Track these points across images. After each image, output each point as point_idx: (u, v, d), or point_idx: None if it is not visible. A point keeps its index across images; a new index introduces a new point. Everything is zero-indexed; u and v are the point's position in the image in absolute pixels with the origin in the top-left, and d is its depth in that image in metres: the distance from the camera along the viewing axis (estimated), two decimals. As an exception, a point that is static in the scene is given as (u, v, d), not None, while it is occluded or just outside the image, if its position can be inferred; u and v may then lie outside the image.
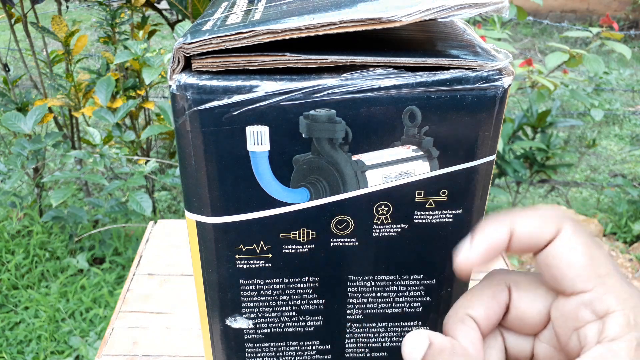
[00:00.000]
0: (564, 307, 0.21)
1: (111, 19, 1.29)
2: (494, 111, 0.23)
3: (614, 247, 1.63)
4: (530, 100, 1.58)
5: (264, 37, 0.21)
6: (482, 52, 0.23)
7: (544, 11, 3.88)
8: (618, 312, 0.20)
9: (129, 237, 1.52)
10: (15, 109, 1.33)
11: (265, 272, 0.27)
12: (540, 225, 0.21)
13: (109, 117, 1.16)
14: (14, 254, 1.46)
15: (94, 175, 1.14)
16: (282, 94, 0.22)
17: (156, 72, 1.06)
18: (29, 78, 1.43)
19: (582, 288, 0.21)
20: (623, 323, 0.20)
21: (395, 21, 0.20)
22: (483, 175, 0.24)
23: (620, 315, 0.20)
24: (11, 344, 1.24)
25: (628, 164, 2.25)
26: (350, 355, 0.30)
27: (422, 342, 0.22)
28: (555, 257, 0.21)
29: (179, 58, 0.22)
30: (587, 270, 0.20)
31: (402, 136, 0.23)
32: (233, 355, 0.30)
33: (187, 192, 0.24)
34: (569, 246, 0.21)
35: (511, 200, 1.83)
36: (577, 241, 0.21)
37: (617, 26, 1.30)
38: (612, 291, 0.20)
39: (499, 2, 0.20)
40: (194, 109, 0.22)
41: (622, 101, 2.76)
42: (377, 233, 0.26)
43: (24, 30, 1.31)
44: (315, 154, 0.23)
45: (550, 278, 0.22)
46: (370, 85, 0.22)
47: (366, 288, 0.28)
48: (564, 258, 0.21)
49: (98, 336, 1.24)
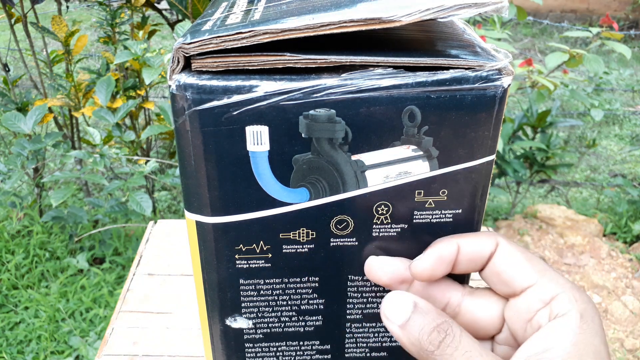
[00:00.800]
0: (516, 305, 0.24)
1: (111, 19, 1.29)
2: (493, 111, 0.23)
3: (614, 247, 1.63)
4: (530, 100, 1.58)
5: (264, 37, 0.21)
6: (481, 52, 0.23)
7: (544, 11, 3.88)
8: (561, 294, 0.23)
9: (129, 237, 1.52)
10: (15, 109, 1.33)
11: (265, 272, 0.27)
12: (481, 241, 0.25)
13: (109, 117, 1.16)
14: (14, 254, 1.46)
15: (94, 175, 1.14)
16: (282, 93, 0.22)
17: (156, 72, 1.06)
18: (29, 78, 1.44)
19: (529, 282, 0.24)
20: (567, 301, 0.23)
21: (395, 21, 0.20)
22: (483, 175, 0.24)
23: (563, 295, 0.23)
24: (11, 344, 1.24)
25: (628, 164, 2.25)
26: (350, 355, 0.30)
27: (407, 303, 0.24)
28: (501, 264, 0.24)
29: (179, 58, 0.22)
30: (528, 267, 0.24)
31: (402, 136, 0.23)
32: (233, 355, 0.30)
33: (187, 192, 0.24)
34: (509, 253, 0.24)
35: (511, 200, 1.83)
36: (514, 249, 0.25)
37: (617, 26, 1.30)
38: (553, 279, 0.24)
39: (499, 2, 0.20)
40: (193, 109, 0.22)
41: (622, 101, 2.76)
42: (377, 233, 0.26)
43: (24, 30, 1.31)
44: (315, 154, 0.23)
45: (500, 284, 0.25)
46: (369, 85, 0.22)
47: (366, 288, 0.28)
48: (509, 262, 0.24)
49: (98, 336, 1.24)
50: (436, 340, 0.22)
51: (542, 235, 1.65)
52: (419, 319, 0.23)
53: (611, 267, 1.55)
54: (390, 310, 0.24)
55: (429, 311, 0.23)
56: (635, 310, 1.40)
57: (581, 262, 1.56)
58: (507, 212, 1.81)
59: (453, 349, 0.22)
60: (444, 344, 0.22)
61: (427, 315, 0.23)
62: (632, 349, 1.29)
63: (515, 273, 0.24)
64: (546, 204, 1.85)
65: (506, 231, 1.65)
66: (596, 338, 0.22)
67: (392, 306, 0.24)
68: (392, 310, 0.24)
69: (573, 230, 1.66)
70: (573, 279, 1.50)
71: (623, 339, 1.31)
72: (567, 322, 0.22)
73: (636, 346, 1.29)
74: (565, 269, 1.54)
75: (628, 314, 1.39)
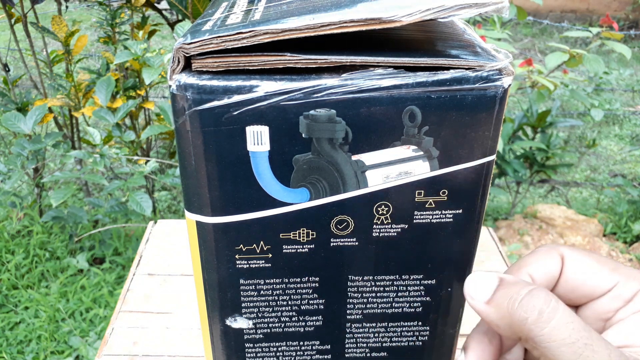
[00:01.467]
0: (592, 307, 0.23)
1: (111, 19, 1.29)
2: (494, 111, 0.23)
3: (614, 247, 1.63)
4: (530, 100, 1.58)
5: (264, 37, 0.21)
6: (482, 52, 0.23)
7: (544, 11, 3.88)
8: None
9: (129, 237, 1.52)
10: (15, 109, 1.33)
11: (265, 272, 0.27)
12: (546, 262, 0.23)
13: (109, 117, 1.16)
14: (14, 254, 1.46)
15: (94, 175, 1.13)
16: (282, 94, 0.22)
17: (156, 72, 1.06)
18: (29, 78, 1.43)
19: (608, 286, 0.23)
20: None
21: (395, 21, 0.20)
22: (483, 175, 0.24)
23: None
24: (11, 344, 1.24)
25: (628, 164, 2.25)
26: (350, 355, 0.30)
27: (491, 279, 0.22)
28: (575, 279, 0.23)
29: (179, 58, 0.22)
30: (604, 271, 0.23)
31: (402, 136, 0.23)
32: (233, 355, 0.30)
33: (187, 192, 0.24)
34: (580, 264, 0.23)
35: (511, 200, 1.83)
36: (582, 256, 0.23)
37: (617, 26, 1.30)
38: (631, 276, 0.22)
39: (499, 2, 0.20)
40: (194, 109, 0.22)
41: (622, 101, 2.76)
42: (377, 233, 0.26)
43: (24, 30, 1.31)
44: (315, 154, 0.23)
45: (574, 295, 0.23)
46: (370, 85, 0.22)
47: (366, 288, 0.28)
48: (582, 273, 0.23)
49: (98, 336, 1.24)
50: (529, 306, 0.20)
51: (542, 235, 1.65)
52: (505, 290, 0.21)
53: (611, 267, 1.55)
54: (473, 289, 0.22)
55: (517, 281, 0.21)
56: (635, 310, 1.39)
57: (581, 262, 1.56)
58: (507, 212, 1.81)
59: (551, 315, 0.19)
60: (539, 310, 0.20)
61: (516, 285, 0.21)
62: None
63: (593, 282, 0.23)
64: (546, 204, 1.85)
65: (506, 231, 1.65)
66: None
67: (475, 284, 0.22)
68: (476, 288, 0.22)
69: (573, 230, 1.66)
70: (573, 279, 1.50)
71: (623, 339, 1.31)
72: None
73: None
74: (565, 269, 1.54)
75: (628, 314, 1.39)
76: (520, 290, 0.21)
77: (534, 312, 0.20)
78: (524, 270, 0.23)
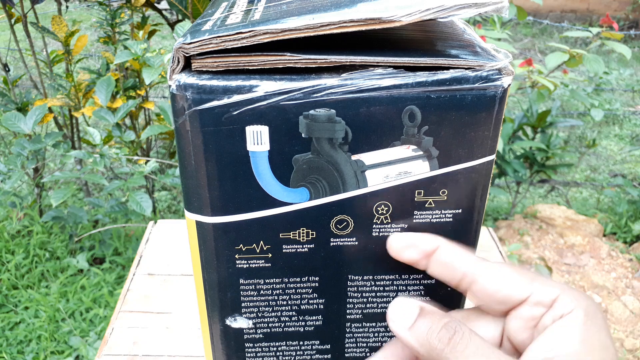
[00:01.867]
0: (517, 316, 0.24)
1: (111, 19, 1.29)
2: (493, 111, 0.23)
3: (614, 247, 1.63)
4: (530, 100, 1.58)
5: (264, 37, 0.21)
6: (481, 52, 0.23)
7: (544, 11, 3.88)
8: (561, 294, 0.23)
9: (129, 237, 1.52)
10: (15, 109, 1.33)
11: (265, 271, 0.27)
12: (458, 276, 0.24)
13: (109, 117, 1.16)
14: (14, 254, 1.46)
15: (94, 175, 1.13)
16: (282, 93, 0.22)
17: (156, 72, 1.06)
18: (29, 78, 1.43)
19: (526, 292, 0.23)
20: (568, 300, 0.23)
21: (395, 21, 0.20)
22: (483, 175, 0.24)
23: (564, 295, 0.23)
24: (11, 344, 1.24)
25: (628, 164, 2.25)
26: (350, 355, 0.30)
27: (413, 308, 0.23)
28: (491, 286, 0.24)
29: (179, 58, 0.22)
30: (520, 279, 0.24)
31: (402, 136, 0.23)
32: (233, 355, 0.30)
33: (187, 192, 0.24)
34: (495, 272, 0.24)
35: (511, 200, 1.83)
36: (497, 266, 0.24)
37: (617, 26, 1.30)
38: (548, 284, 0.24)
39: (499, 2, 0.20)
40: (193, 109, 0.22)
41: (622, 101, 2.76)
42: (377, 233, 0.26)
43: (24, 30, 1.31)
44: (315, 154, 0.23)
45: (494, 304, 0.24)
46: (370, 85, 0.22)
47: (366, 288, 0.28)
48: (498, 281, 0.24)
49: (98, 336, 1.24)
50: (445, 337, 0.22)
51: (542, 235, 1.65)
52: (426, 319, 0.23)
53: (611, 267, 1.55)
54: (396, 314, 0.24)
55: (435, 312, 0.23)
56: (635, 310, 1.40)
57: (581, 262, 1.56)
58: (507, 212, 1.81)
59: (464, 345, 0.22)
60: (453, 341, 0.22)
61: (434, 316, 0.23)
62: (632, 349, 1.29)
63: (510, 289, 0.24)
64: (546, 204, 1.85)
65: (506, 231, 1.65)
66: (602, 332, 0.22)
67: (399, 310, 0.24)
68: (399, 314, 0.24)
69: (573, 230, 1.66)
70: (573, 279, 1.50)
71: (623, 339, 1.31)
72: (573, 320, 0.22)
73: (636, 346, 1.29)
74: (565, 269, 1.54)
75: (628, 314, 1.39)
76: (439, 321, 0.23)
77: (448, 343, 0.22)
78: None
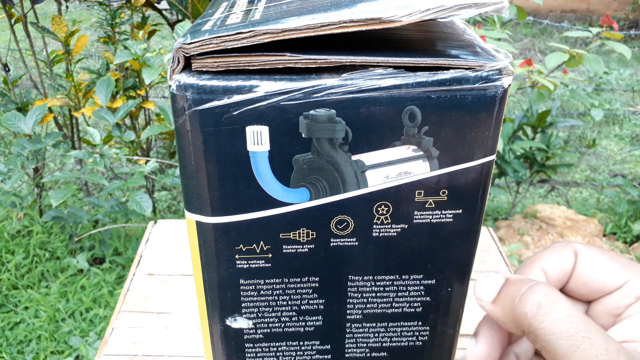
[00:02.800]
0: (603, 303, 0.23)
1: (111, 19, 1.29)
2: (493, 111, 0.23)
3: (614, 247, 1.63)
4: (530, 100, 1.58)
5: (264, 37, 0.21)
6: (482, 52, 0.23)
7: (544, 11, 3.88)
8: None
9: (129, 237, 1.52)
10: (15, 109, 1.33)
11: (265, 272, 0.27)
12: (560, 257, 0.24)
13: (109, 117, 1.16)
14: (14, 254, 1.46)
15: (94, 175, 1.13)
16: (282, 93, 0.22)
17: (156, 72, 1.06)
18: (29, 78, 1.43)
19: (620, 282, 0.23)
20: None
21: (395, 21, 0.20)
22: (483, 175, 0.24)
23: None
24: (11, 344, 1.24)
25: (628, 164, 2.25)
26: (350, 355, 0.30)
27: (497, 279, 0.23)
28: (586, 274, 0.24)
29: (179, 58, 0.22)
30: (615, 267, 0.23)
31: (402, 136, 0.23)
32: (233, 355, 0.30)
33: (187, 192, 0.24)
34: (592, 260, 0.24)
35: (511, 200, 1.83)
36: (595, 252, 0.24)
37: (617, 26, 1.30)
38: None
39: (499, 2, 0.20)
40: (193, 109, 0.22)
41: (622, 101, 2.76)
42: (377, 233, 0.26)
43: (24, 30, 1.31)
44: (315, 154, 0.23)
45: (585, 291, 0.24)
46: (370, 85, 0.22)
47: (366, 288, 0.28)
48: (594, 269, 0.23)
49: (98, 336, 1.24)
50: (529, 301, 0.20)
51: (542, 235, 1.65)
52: (509, 288, 0.22)
53: (611, 267, 1.55)
54: (480, 290, 0.23)
55: (520, 279, 0.22)
56: (635, 310, 1.39)
57: (581, 262, 1.56)
58: (507, 212, 1.81)
59: (549, 309, 0.20)
60: (537, 304, 0.20)
61: (519, 282, 0.22)
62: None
63: (604, 277, 0.23)
64: (546, 204, 1.85)
65: (506, 231, 1.65)
66: None
67: (483, 286, 0.23)
68: (483, 290, 0.23)
69: (573, 230, 1.66)
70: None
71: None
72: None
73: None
74: (565, 269, 1.54)
75: (628, 314, 1.39)
76: (522, 287, 0.21)
77: (533, 306, 0.20)
78: (537, 264, 0.24)
